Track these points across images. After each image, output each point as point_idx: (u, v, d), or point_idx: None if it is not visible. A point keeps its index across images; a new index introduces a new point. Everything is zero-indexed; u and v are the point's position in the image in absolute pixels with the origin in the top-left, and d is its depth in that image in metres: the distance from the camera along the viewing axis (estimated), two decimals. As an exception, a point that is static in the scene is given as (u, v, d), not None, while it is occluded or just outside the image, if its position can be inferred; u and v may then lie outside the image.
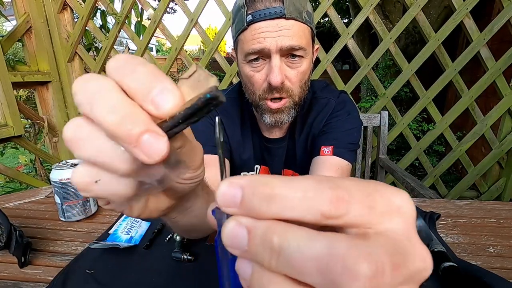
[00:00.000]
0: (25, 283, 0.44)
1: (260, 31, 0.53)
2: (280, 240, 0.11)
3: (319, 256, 0.11)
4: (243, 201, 0.12)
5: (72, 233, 0.58)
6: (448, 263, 0.42)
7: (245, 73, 0.59)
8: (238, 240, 0.13)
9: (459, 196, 1.71)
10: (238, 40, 0.58)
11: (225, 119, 0.72)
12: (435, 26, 1.53)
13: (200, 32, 1.61)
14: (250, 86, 0.60)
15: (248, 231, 0.12)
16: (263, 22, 0.52)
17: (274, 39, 0.52)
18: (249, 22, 0.53)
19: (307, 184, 0.12)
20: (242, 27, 0.55)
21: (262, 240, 0.12)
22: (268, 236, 0.12)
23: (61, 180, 0.58)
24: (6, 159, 3.33)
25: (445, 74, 1.52)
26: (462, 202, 0.70)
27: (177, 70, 4.61)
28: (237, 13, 0.56)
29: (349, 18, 4.43)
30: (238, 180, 0.13)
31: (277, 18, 0.52)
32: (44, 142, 1.79)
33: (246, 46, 0.55)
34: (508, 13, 1.40)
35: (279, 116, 0.60)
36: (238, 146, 0.73)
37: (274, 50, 0.53)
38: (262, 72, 0.57)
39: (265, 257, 0.12)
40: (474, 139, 1.61)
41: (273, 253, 0.12)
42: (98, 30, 1.71)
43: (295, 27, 0.53)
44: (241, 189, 0.13)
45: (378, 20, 1.48)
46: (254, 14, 0.52)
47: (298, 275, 0.11)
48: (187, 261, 0.47)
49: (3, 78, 1.38)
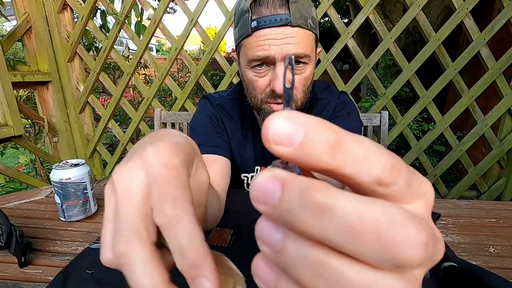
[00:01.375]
0: (25, 283, 0.44)
1: (265, 38, 0.52)
2: (326, 199, 0.10)
3: (379, 220, 0.10)
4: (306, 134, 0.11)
5: (72, 233, 0.58)
6: (448, 263, 0.42)
7: (248, 77, 0.59)
8: (268, 191, 0.11)
9: (459, 196, 1.71)
10: (241, 45, 0.57)
11: (226, 119, 0.72)
12: (435, 26, 1.53)
13: (200, 32, 1.61)
14: (252, 90, 0.60)
15: (282, 184, 0.10)
16: (268, 29, 0.51)
17: (280, 46, 0.51)
18: (254, 29, 0.52)
19: (369, 143, 0.11)
20: (246, 33, 0.54)
21: (301, 195, 0.10)
22: (310, 192, 0.10)
23: (61, 180, 0.58)
24: (6, 159, 3.33)
25: (445, 74, 1.52)
26: (462, 202, 0.70)
27: (177, 70, 4.60)
28: (240, 17, 0.55)
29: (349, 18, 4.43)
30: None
31: (283, 26, 0.51)
32: (44, 142, 1.79)
33: (250, 52, 0.54)
34: (508, 13, 1.40)
35: None
36: (238, 146, 0.73)
37: (279, 58, 0.52)
38: (265, 78, 0.57)
39: (301, 217, 0.10)
40: (474, 139, 1.61)
41: (315, 213, 0.10)
42: (98, 30, 1.71)
43: (300, 35, 0.52)
44: (305, 122, 0.11)
45: (378, 20, 1.48)
46: (259, 20, 0.51)
47: (346, 242, 0.10)
48: None
49: (3, 78, 1.38)
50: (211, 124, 0.70)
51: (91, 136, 1.93)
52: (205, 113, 0.71)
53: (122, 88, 1.76)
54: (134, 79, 1.76)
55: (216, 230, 0.55)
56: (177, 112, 1.44)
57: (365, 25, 1.53)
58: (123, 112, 2.54)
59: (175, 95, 1.82)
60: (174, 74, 4.48)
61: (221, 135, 0.70)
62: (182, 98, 1.73)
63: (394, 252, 0.09)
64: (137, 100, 3.10)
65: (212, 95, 0.75)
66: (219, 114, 0.71)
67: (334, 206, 0.10)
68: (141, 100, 2.51)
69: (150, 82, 3.31)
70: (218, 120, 0.71)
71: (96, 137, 1.90)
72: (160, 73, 1.69)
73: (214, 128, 0.69)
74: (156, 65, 1.72)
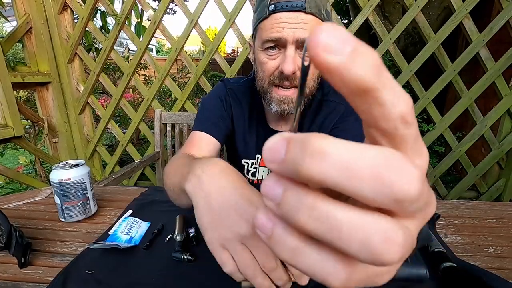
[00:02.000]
0: (25, 283, 0.44)
1: (279, 21, 0.55)
2: (326, 144, 0.11)
3: (375, 163, 0.10)
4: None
5: (72, 233, 0.58)
6: (448, 264, 0.42)
7: (259, 59, 0.62)
8: (277, 149, 0.12)
9: (458, 197, 1.72)
10: (258, 28, 0.60)
11: (234, 104, 0.75)
12: (434, 27, 1.54)
13: (200, 33, 1.62)
14: (261, 72, 0.62)
15: (288, 141, 0.12)
16: (284, 13, 0.55)
17: (292, 30, 0.54)
18: (271, 12, 0.55)
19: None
20: (263, 16, 0.57)
21: (303, 144, 0.11)
22: (310, 140, 0.11)
23: (61, 181, 0.58)
24: (6, 160, 3.33)
25: (444, 74, 1.52)
26: (461, 203, 0.70)
27: (177, 71, 4.61)
28: (260, 2, 0.59)
29: (349, 19, 4.43)
30: None
31: (298, 11, 0.54)
32: (44, 143, 1.79)
33: (265, 34, 0.57)
34: (507, 14, 1.40)
35: (286, 106, 0.62)
36: (243, 133, 0.76)
37: (291, 40, 0.55)
38: (275, 61, 0.59)
39: (304, 162, 0.11)
40: (473, 140, 1.61)
41: (315, 157, 0.11)
42: (98, 31, 1.71)
43: (313, 22, 0.55)
44: (353, 39, 0.11)
45: (378, 21, 1.49)
46: (277, 5, 0.55)
47: (343, 180, 0.10)
48: (187, 261, 0.47)
49: (3, 78, 1.39)
50: (220, 105, 0.74)
51: (91, 137, 1.93)
52: (217, 94, 0.76)
53: (122, 89, 1.76)
54: (134, 80, 1.77)
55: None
56: (177, 113, 1.44)
57: (364, 26, 1.54)
58: (123, 113, 2.54)
59: (175, 96, 1.82)
60: (174, 75, 4.48)
61: (226, 120, 0.74)
62: (182, 99, 1.73)
63: (392, 190, 0.10)
64: (137, 101, 3.10)
65: (229, 80, 0.79)
66: (229, 97, 0.75)
67: (332, 149, 0.11)
68: (141, 101, 2.51)
69: (150, 83, 3.31)
70: (227, 103, 0.75)
71: (96, 138, 1.90)
72: (160, 74, 1.69)
73: (221, 110, 0.74)
74: (156, 66, 1.72)
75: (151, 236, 0.54)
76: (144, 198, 0.72)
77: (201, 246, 0.52)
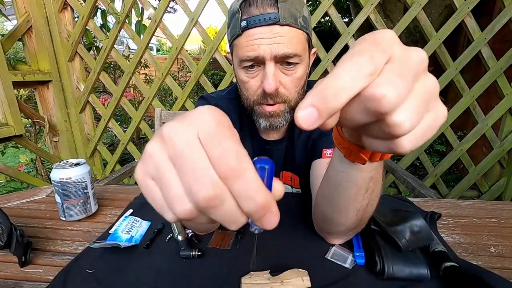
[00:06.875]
0: (25, 282, 0.44)
1: (254, 38, 0.52)
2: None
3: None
4: None
5: (72, 232, 0.58)
6: (449, 263, 0.42)
7: (240, 78, 0.59)
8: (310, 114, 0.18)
9: (460, 196, 1.71)
10: (233, 45, 0.57)
11: None
12: (436, 25, 1.52)
13: (200, 32, 1.61)
14: (245, 91, 0.60)
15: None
16: (257, 28, 0.51)
17: (269, 46, 0.51)
18: (243, 28, 0.52)
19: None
20: (236, 33, 0.54)
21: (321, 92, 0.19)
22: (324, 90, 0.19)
23: (62, 180, 0.58)
24: (6, 159, 3.33)
25: (446, 73, 1.52)
26: (463, 202, 0.69)
27: (177, 70, 4.60)
28: (232, 18, 0.56)
29: (350, 17, 4.42)
30: None
31: (272, 25, 0.51)
32: (44, 142, 1.80)
33: (241, 52, 0.54)
34: (509, 12, 1.39)
35: (274, 120, 0.60)
36: None
37: (269, 57, 0.52)
38: (257, 79, 0.57)
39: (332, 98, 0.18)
40: (475, 139, 1.60)
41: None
42: (98, 29, 1.71)
43: (290, 34, 0.52)
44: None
45: (379, 20, 1.48)
46: (249, 20, 0.51)
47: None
48: (197, 257, 0.48)
49: (3, 77, 1.39)
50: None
51: (91, 136, 1.93)
52: None
53: (122, 88, 1.76)
54: (134, 78, 1.76)
55: (218, 232, 0.55)
56: (177, 112, 1.44)
57: (366, 24, 1.53)
58: (124, 112, 2.54)
59: (176, 95, 1.82)
60: (174, 74, 4.48)
61: None
62: (183, 98, 1.73)
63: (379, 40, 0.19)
64: (138, 100, 3.10)
65: (210, 95, 0.75)
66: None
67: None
68: (141, 99, 2.51)
69: (150, 81, 3.31)
70: None
71: (97, 137, 1.90)
72: (160, 73, 1.69)
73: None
74: (157, 65, 1.72)
75: (152, 235, 0.54)
76: (144, 197, 0.72)
77: (202, 246, 0.52)
